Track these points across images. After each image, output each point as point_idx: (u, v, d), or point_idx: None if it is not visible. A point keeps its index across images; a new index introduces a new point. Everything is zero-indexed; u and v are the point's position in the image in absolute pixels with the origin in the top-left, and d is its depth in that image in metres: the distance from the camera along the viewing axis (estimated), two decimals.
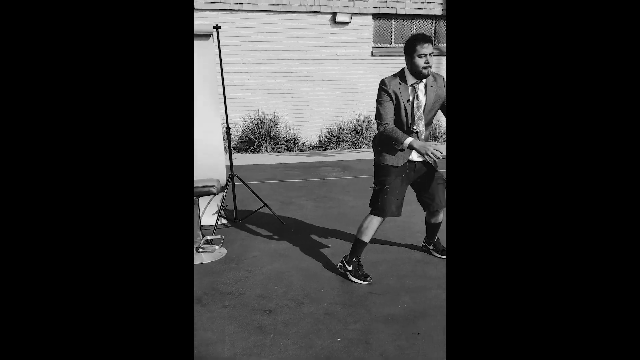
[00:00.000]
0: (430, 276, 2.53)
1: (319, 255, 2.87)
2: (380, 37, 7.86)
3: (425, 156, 2.16)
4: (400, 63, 8.09)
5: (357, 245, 2.51)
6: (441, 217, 2.67)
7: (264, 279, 2.53)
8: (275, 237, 3.22)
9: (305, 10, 7.35)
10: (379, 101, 2.32)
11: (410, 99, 2.28)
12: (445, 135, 8.15)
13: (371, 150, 8.10)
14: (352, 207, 4.00)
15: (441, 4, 7.80)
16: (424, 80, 2.28)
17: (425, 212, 2.67)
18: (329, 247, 3.02)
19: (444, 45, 8.06)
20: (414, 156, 2.39)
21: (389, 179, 2.41)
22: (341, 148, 7.63)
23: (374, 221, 2.49)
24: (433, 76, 2.33)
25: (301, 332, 2.00)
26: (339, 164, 6.27)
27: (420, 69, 2.20)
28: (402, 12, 7.67)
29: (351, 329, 2.02)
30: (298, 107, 7.78)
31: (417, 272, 2.59)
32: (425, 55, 2.18)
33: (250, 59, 7.40)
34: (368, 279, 2.47)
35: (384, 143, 2.39)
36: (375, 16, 7.70)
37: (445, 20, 7.98)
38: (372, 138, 7.72)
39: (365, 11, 7.58)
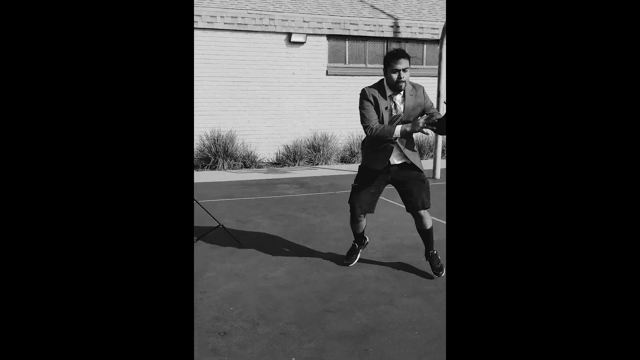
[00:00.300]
0: (383, 292, 2.62)
1: (275, 275, 2.89)
2: (335, 56, 8.10)
3: (421, 131, 2.30)
4: (354, 82, 8.35)
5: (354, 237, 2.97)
6: (427, 222, 2.65)
7: (218, 300, 2.51)
8: (231, 256, 3.21)
9: (260, 30, 7.45)
10: (361, 107, 2.49)
11: (388, 107, 2.44)
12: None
13: (328, 167, 8.17)
14: (308, 225, 4.05)
15: (391, 27, 8.17)
16: (400, 93, 2.44)
17: (414, 220, 2.74)
18: (285, 265, 3.04)
19: None
20: (394, 159, 2.53)
21: (362, 180, 2.62)
22: (298, 165, 7.71)
23: (350, 219, 2.81)
24: (412, 85, 2.49)
25: (256, 353, 2.01)
26: (296, 181, 6.33)
27: (394, 82, 2.37)
28: (355, 33, 7.96)
29: (306, 348, 2.05)
30: (255, 124, 7.80)
31: (371, 288, 2.67)
32: (399, 70, 2.33)
33: (207, 77, 7.37)
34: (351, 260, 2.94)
35: (372, 144, 2.55)
36: (330, 37, 7.94)
37: (395, 42, 8.36)
38: (327, 154, 7.86)
39: (319, 32, 7.80)
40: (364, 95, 2.49)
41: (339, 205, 4.83)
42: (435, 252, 2.78)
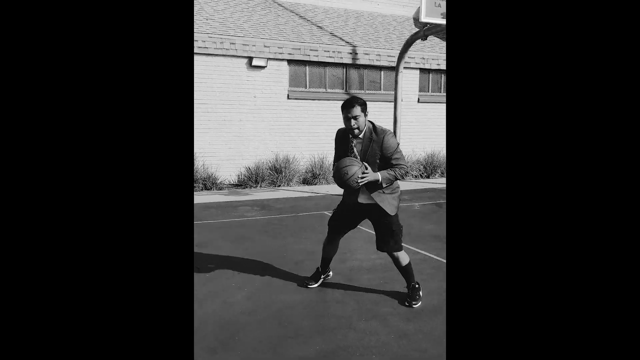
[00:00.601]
0: (342, 315, 2.67)
1: (234, 300, 2.88)
2: (295, 81, 8.27)
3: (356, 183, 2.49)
4: (315, 106, 8.52)
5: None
6: (401, 260, 2.73)
7: None
8: None
9: (221, 54, 7.51)
10: (334, 148, 2.78)
11: (348, 149, 2.65)
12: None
13: (290, 189, 8.22)
14: (269, 248, 4.06)
15: (350, 53, 8.49)
16: (360, 136, 2.60)
17: None
18: (245, 290, 3.04)
19: (355, 91, 8.71)
20: (361, 199, 2.65)
21: (341, 207, 2.85)
22: (260, 186, 7.71)
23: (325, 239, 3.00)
24: (374, 131, 2.60)
25: None
26: (257, 203, 6.32)
27: (348, 129, 2.57)
28: (315, 59, 8.19)
29: None
30: (216, 146, 7.76)
31: (330, 311, 2.72)
32: (350, 118, 2.51)
33: None
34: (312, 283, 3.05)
35: None
36: (290, 62, 8.11)
37: (354, 68, 8.67)
38: (289, 176, 7.93)
39: (280, 57, 7.96)
40: (335, 137, 2.78)
41: (300, 227, 4.88)
42: (416, 285, 2.80)
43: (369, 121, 2.63)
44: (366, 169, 2.54)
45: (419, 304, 2.77)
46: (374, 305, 2.79)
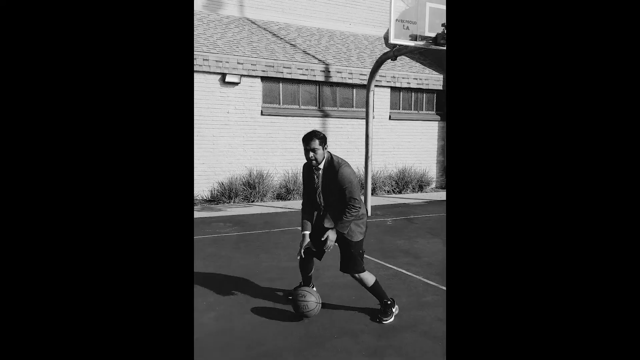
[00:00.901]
0: (312, 334, 2.69)
1: (203, 321, 2.85)
2: (269, 97, 8.34)
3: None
4: (288, 122, 8.59)
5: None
6: (365, 281, 2.80)
7: None
8: None
9: (195, 70, 7.51)
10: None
11: (312, 180, 2.81)
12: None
13: (264, 204, 8.18)
14: (241, 265, 4.04)
15: (323, 71, 8.65)
16: (320, 168, 2.74)
17: None
18: (215, 310, 3.01)
19: (328, 108, 8.85)
20: (327, 223, 2.79)
21: (315, 229, 2.91)
22: (234, 202, 7.66)
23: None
24: (332, 164, 2.72)
25: None
26: (231, 219, 6.28)
27: (308, 160, 2.71)
28: (289, 76, 8.30)
29: None
30: None
31: (300, 330, 2.73)
32: (309, 150, 2.67)
33: None
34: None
35: None
36: (264, 78, 8.19)
37: (327, 85, 8.83)
38: (263, 191, 7.92)
39: (253, 74, 8.03)
40: (303, 169, 2.92)
41: (274, 243, 4.88)
42: (388, 301, 2.85)
43: (328, 152, 2.76)
44: (326, 245, 2.71)
45: (391, 319, 2.81)
46: (346, 323, 2.82)
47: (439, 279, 3.67)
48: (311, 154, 2.67)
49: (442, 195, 9.19)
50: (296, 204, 7.70)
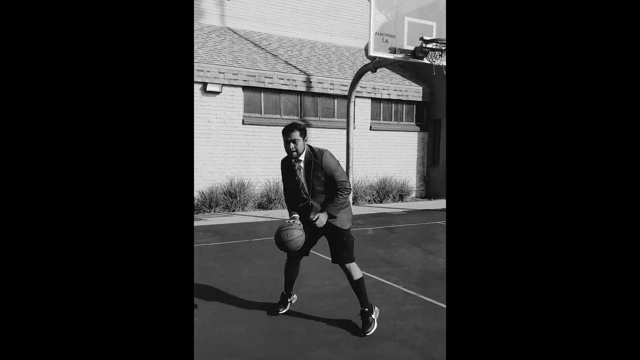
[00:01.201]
0: (293, 344, 2.69)
1: None
2: (250, 107, 8.35)
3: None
4: (270, 132, 8.60)
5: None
6: (353, 273, 2.78)
7: None
8: None
9: None
10: (282, 179, 2.95)
11: (297, 173, 2.81)
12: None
13: (245, 213, 8.13)
14: (221, 276, 4.01)
15: (304, 82, 8.72)
16: (301, 159, 2.76)
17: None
18: (195, 320, 2.97)
19: (310, 118, 8.91)
20: (312, 216, 2.78)
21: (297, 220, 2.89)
22: (215, 211, 7.59)
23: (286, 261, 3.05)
24: (313, 153, 2.77)
25: None
26: (211, 229, 6.22)
27: (288, 152, 2.74)
28: (270, 86, 8.34)
29: None
30: None
31: (281, 340, 2.73)
32: (289, 141, 2.69)
33: None
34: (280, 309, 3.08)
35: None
36: (245, 88, 8.21)
37: (309, 96, 8.90)
38: (244, 200, 7.89)
39: (235, 83, 8.04)
40: (280, 167, 2.94)
41: (254, 253, 4.85)
42: (366, 309, 2.80)
43: (308, 145, 2.79)
44: (315, 220, 2.70)
45: (373, 329, 2.79)
46: (325, 333, 2.83)
47: (418, 288, 3.73)
48: (292, 145, 2.70)
49: (421, 204, 9.32)
50: (277, 213, 7.68)
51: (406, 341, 2.71)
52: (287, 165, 2.86)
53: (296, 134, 2.70)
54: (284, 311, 3.09)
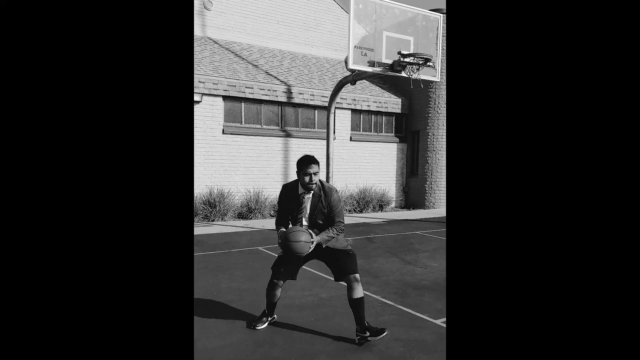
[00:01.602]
0: (272, 356, 2.68)
1: None
2: (231, 116, 8.33)
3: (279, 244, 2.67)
4: (251, 141, 8.58)
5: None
6: (357, 291, 2.76)
7: None
8: None
9: None
10: (278, 203, 2.95)
11: (300, 205, 2.83)
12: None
13: (224, 223, 8.04)
14: (199, 287, 3.96)
15: (285, 92, 8.78)
16: (311, 192, 2.83)
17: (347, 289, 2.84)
18: None
19: (290, 128, 8.95)
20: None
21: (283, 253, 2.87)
22: (194, 221, 7.50)
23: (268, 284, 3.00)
24: (324, 190, 2.83)
25: None
26: None
27: (306, 184, 2.79)
28: (251, 96, 8.36)
29: None
30: None
31: (260, 352, 2.72)
32: (310, 174, 2.76)
33: None
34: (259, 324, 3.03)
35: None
36: (226, 98, 8.20)
37: (290, 106, 8.95)
38: (224, 210, 7.82)
39: (215, 93, 8.02)
40: (280, 193, 2.95)
41: (232, 264, 4.81)
42: (365, 331, 2.77)
43: (319, 179, 2.87)
44: (311, 236, 2.73)
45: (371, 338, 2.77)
46: (304, 344, 2.83)
47: (396, 298, 3.77)
48: (313, 177, 2.77)
49: (401, 214, 9.44)
50: (257, 223, 7.65)
51: (384, 352, 2.73)
52: (291, 193, 2.88)
53: (316, 167, 2.79)
54: (262, 327, 3.07)
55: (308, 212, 2.85)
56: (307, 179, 2.77)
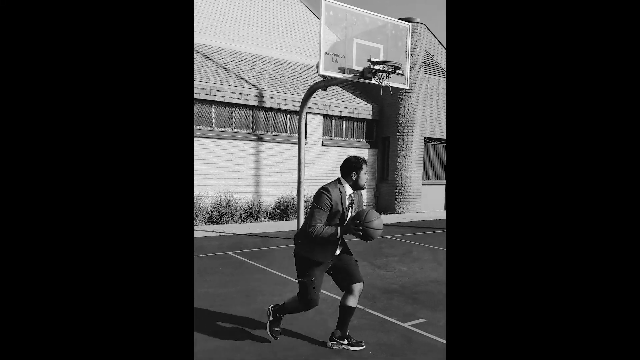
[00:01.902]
0: None
1: None
2: (201, 120, 8.21)
3: (357, 232, 2.61)
4: (221, 145, 8.47)
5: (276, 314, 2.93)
6: (355, 299, 2.81)
7: None
8: None
9: None
10: (317, 205, 2.70)
11: (347, 205, 2.79)
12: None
13: (195, 228, 7.89)
14: None
15: (256, 96, 8.74)
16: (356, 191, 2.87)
17: (342, 295, 2.84)
18: None
19: (262, 132, 8.91)
20: (337, 249, 2.81)
21: (316, 273, 2.74)
22: None
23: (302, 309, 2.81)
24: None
25: None
26: None
27: (364, 183, 2.80)
28: (222, 100, 8.27)
29: None
30: None
31: (226, 358, 2.68)
32: (367, 172, 2.85)
33: None
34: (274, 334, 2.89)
35: (315, 241, 2.70)
36: (197, 101, 8.07)
37: (261, 110, 8.91)
38: (194, 216, 7.68)
39: None
40: (325, 197, 2.72)
41: (203, 269, 4.73)
42: (344, 339, 2.84)
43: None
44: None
45: (338, 347, 2.82)
46: (274, 349, 2.81)
47: (366, 302, 3.81)
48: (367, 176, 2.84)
49: None
50: (227, 228, 7.55)
51: (352, 355, 2.76)
52: (341, 195, 2.78)
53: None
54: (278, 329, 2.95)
55: (355, 210, 2.88)
56: (364, 177, 2.82)
